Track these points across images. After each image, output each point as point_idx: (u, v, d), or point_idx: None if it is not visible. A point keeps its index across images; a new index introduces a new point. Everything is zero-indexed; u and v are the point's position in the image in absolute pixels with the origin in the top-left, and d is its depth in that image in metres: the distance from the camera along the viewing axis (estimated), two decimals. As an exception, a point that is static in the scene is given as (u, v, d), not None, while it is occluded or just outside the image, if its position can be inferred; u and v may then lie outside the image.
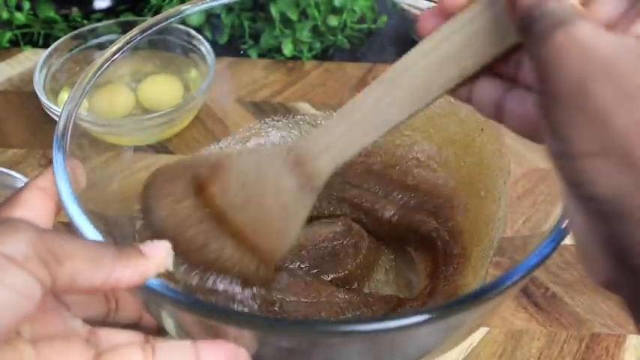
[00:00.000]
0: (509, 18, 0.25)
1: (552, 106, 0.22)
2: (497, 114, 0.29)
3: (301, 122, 0.51)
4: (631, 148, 0.20)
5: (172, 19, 0.42)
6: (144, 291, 0.28)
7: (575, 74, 0.21)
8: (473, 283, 0.40)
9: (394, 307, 0.40)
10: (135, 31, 0.40)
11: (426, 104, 0.30)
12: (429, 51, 0.28)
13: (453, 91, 0.29)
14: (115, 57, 0.39)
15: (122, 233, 0.41)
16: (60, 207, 0.31)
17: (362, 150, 0.32)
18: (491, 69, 0.28)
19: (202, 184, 0.37)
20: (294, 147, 0.34)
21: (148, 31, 0.40)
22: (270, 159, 0.35)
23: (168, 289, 0.27)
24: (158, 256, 0.28)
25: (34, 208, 0.30)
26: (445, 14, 0.28)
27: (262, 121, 0.51)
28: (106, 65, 0.38)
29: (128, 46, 0.39)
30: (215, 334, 0.29)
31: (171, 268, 0.28)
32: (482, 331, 0.44)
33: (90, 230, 0.30)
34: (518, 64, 0.28)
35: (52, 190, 0.31)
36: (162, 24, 0.41)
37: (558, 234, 0.30)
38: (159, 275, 0.28)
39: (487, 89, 0.28)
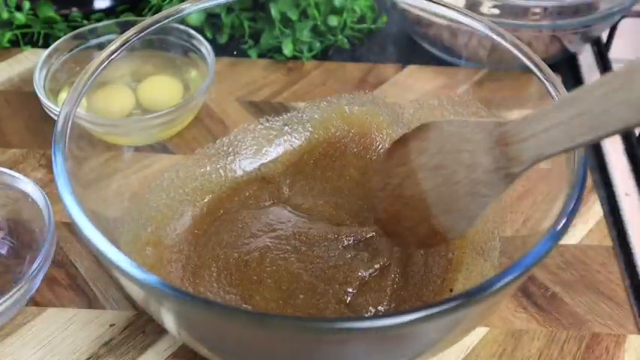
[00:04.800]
0: None
1: None
2: None
3: (294, 119, 0.52)
4: None
5: (171, 19, 0.42)
6: (145, 289, 0.28)
7: None
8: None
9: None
10: (132, 30, 0.40)
11: None
12: None
13: None
14: (112, 57, 0.39)
15: (122, 233, 0.41)
16: None
17: (572, 148, 0.29)
18: None
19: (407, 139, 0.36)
20: (504, 123, 0.31)
21: (146, 31, 0.40)
22: (474, 130, 0.33)
23: (172, 287, 0.27)
24: None
25: None
26: None
27: (258, 122, 0.51)
28: (103, 65, 0.38)
29: (126, 45, 0.39)
30: (218, 334, 0.29)
31: None
32: (482, 331, 0.43)
33: (91, 230, 0.30)
34: None
35: None
36: (160, 23, 0.41)
37: (556, 233, 0.30)
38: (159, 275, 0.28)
39: None
